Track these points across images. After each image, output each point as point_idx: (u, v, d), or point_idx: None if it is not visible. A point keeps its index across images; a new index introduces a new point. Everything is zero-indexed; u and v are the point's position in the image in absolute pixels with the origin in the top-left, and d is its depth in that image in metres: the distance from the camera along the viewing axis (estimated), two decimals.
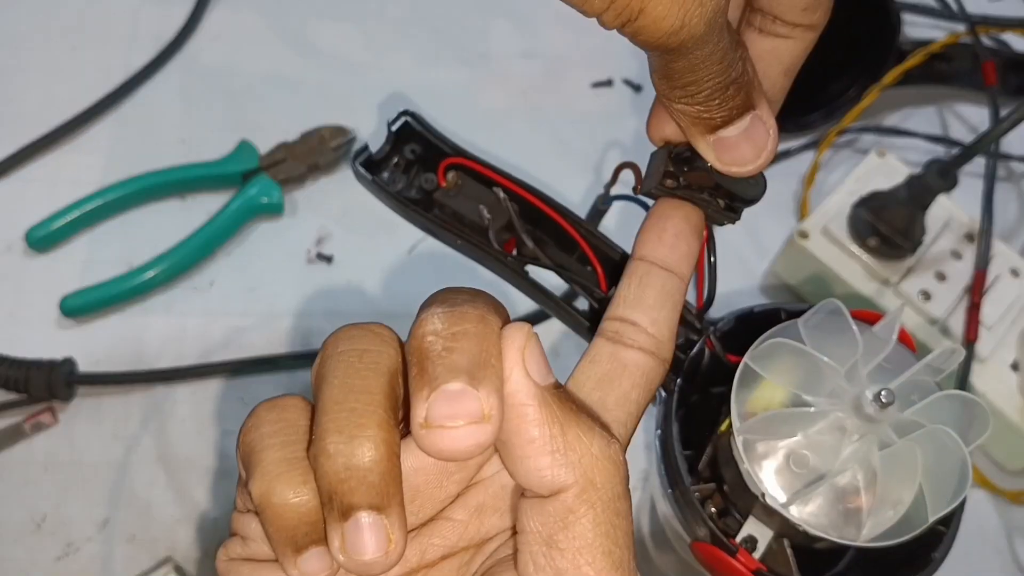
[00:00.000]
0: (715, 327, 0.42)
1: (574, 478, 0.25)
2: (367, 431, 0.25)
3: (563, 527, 0.25)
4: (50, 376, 0.57)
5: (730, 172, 0.32)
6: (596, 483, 0.26)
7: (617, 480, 0.26)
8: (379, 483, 0.25)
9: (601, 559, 0.25)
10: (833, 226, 0.63)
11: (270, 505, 0.27)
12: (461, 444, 0.24)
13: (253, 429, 0.28)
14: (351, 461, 0.25)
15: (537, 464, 0.25)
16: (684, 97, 0.30)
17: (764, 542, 0.39)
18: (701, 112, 0.30)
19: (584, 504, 0.25)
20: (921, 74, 0.69)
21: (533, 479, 0.26)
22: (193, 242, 0.63)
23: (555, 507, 0.25)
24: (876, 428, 0.36)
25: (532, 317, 0.62)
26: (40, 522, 0.56)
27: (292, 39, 0.73)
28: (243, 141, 0.66)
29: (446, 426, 0.24)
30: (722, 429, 0.40)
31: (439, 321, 0.26)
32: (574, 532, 0.25)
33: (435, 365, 0.25)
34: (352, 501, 0.25)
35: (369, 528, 0.25)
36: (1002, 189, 0.71)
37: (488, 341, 0.26)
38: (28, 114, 0.67)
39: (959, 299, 0.61)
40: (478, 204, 0.41)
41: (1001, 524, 0.61)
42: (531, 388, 0.26)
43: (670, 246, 0.34)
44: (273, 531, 0.27)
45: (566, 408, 0.26)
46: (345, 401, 0.26)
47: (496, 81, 0.72)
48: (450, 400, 0.24)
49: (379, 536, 0.25)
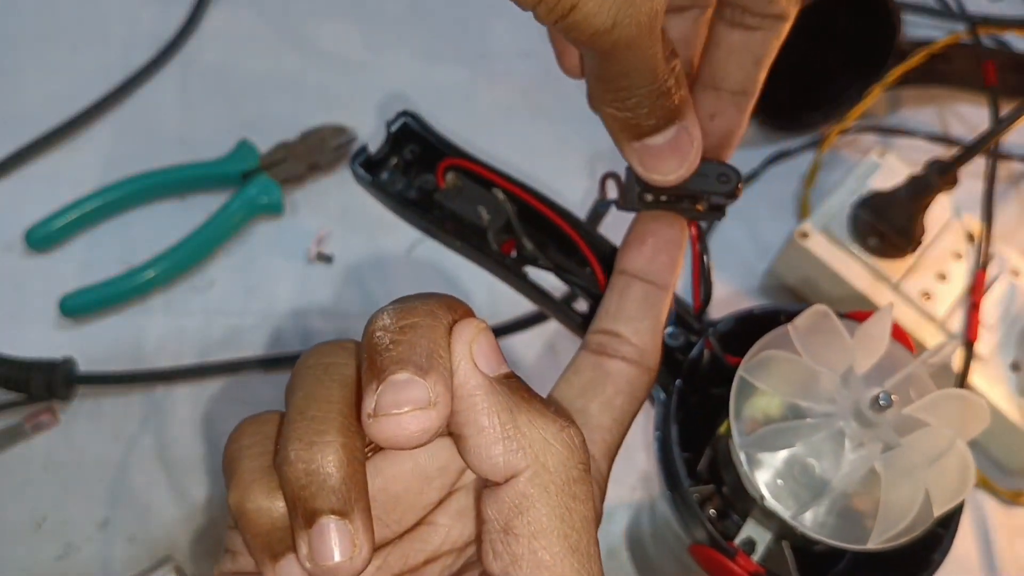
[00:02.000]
0: (714, 328, 0.42)
1: (526, 463, 0.25)
2: (326, 437, 0.26)
3: (518, 512, 0.25)
4: (50, 376, 0.57)
5: (651, 180, 0.33)
6: (549, 467, 0.26)
7: (572, 463, 0.26)
8: (340, 488, 0.25)
9: (557, 543, 0.25)
10: (833, 226, 0.63)
11: (245, 512, 0.27)
12: (407, 430, 0.24)
13: (233, 442, 0.29)
14: (311, 467, 0.25)
15: (489, 452, 0.26)
16: (615, 101, 0.30)
17: (763, 544, 0.39)
18: (629, 118, 0.31)
19: (537, 488, 0.25)
20: (921, 74, 0.69)
21: (487, 467, 0.26)
22: (193, 242, 0.63)
23: (509, 493, 0.26)
24: (877, 431, 0.36)
25: (531, 318, 0.62)
26: (40, 522, 0.56)
27: (292, 39, 0.73)
28: (243, 141, 0.66)
29: (391, 413, 0.24)
30: (721, 431, 0.40)
31: (388, 317, 0.26)
32: (528, 517, 0.25)
33: (383, 358, 0.25)
34: (314, 507, 0.25)
35: (333, 533, 0.25)
36: (1002, 189, 0.71)
37: (436, 333, 0.26)
38: (28, 114, 0.67)
39: (959, 299, 0.61)
40: (477, 205, 0.41)
41: (1001, 524, 0.61)
42: (479, 378, 0.26)
43: (649, 258, 0.34)
44: (250, 539, 0.27)
45: (516, 396, 0.26)
46: (307, 410, 0.26)
47: (496, 81, 0.72)
48: (397, 389, 0.24)
49: (344, 541, 0.25)
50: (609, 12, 0.25)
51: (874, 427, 0.36)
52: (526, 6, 0.26)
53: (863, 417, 0.36)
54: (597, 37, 0.26)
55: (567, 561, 0.25)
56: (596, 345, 0.33)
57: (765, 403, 0.38)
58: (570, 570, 0.25)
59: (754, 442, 0.37)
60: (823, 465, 0.37)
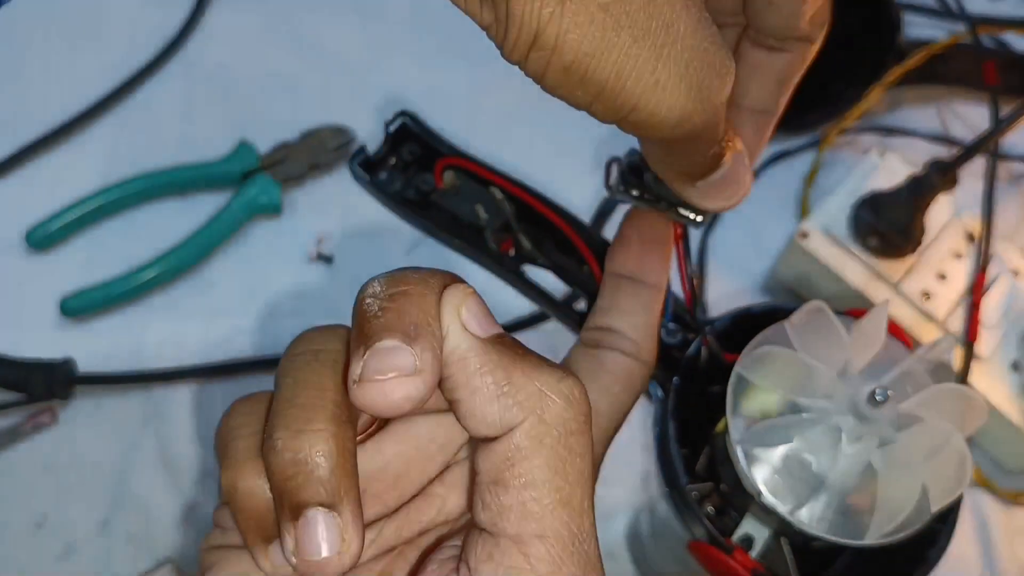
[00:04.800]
0: (712, 326, 0.42)
1: (523, 416, 0.25)
2: (315, 425, 0.25)
3: (509, 465, 0.25)
4: (50, 376, 0.57)
5: (715, 209, 0.32)
6: (545, 418, 0.25)
7: (571, 416, 0.25)
8: (328, 478, 0.25)
9: (548, 495, 0.24)
10: (833, 226, 0.63)
11: (236, 493, 0.27)
12: (391, 396, 0.24)
13: (226, 422, 0.28)
14: (298, 456, 0.25)
15: (484, 412, 0.25)
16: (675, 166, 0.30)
17: (761, 541, 0.39)
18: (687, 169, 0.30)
19: (531, 440, 0.25)
20: (921, 74, 0.69)
21: (483, 427, 0.25)
22: (193, 242, 0.63)
23: (503, 446, 0.25)
24: (873, 426, 0.36)
25: (531, 318, 0.62)
26: (40, 522, 0.56)
27: (292, 39, 0.73)
28: (243, 141, 0.66)
29: (375, 380, 0.24)
30: (719, 428, 0.40)
31: (379, 285, 0.26)
32: (520, 469, 0.25)
33: (371, 324, 0.25)
34: (301, 498, 0.25)
35: (320, 527, 0.24)
36: (1002, 189, 0.71)
37: (426, 301, 0.25)
38: (28, 114, 0.67)
39: (959, 299, 0.61)
40: (475, 204, 0.41)
41: (1001, 524, 0.61)
42: (470, 340, 0.25)
43: (637, 257, 0.34)
44: (241, 520, 0.27)
45: (510, 353, 0.26)
46: (295, 397, 0.26)
47: (496, 81, 0.72)
48: (383, 356, 0.24)
49: (332, 536, 0.25)
50: (676, 104, 0.25)
51: (871, 423, 0.36)
52: (580, 107, 0.25)
53: (860, 413, 0.36)
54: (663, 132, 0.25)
55: (556, 513, 0.24)
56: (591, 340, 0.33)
57: (762, 399, 0.38)
58: (558, 523, 0.24)
59: (751, 438, 0.37)
60: (820, 461, 0.37)
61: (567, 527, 0.25)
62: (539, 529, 0.24)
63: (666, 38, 0.24)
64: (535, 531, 0.24)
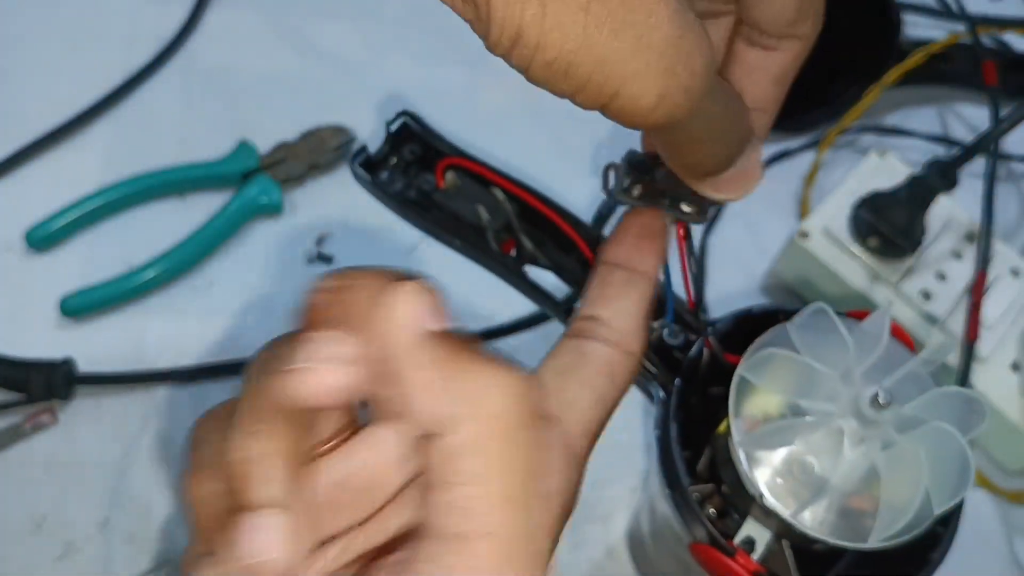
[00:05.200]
0: (714, 327, 0.42)
1: (463, 411, 0.24)
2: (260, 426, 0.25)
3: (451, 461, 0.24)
4: (50, 376, 0.57)
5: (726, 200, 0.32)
6: (486, 414, 0.24)
7: (514, 410, 0.24)
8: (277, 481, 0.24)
9: (491, 491, 0.24)
10: (833, 226, 0.63)
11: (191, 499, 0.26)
12: (316, 386, 0.23)
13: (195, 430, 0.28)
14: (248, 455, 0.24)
15: (423, 407, 0.24)
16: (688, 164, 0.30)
17: (763, 543, 0.39)
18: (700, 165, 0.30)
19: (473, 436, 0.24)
20: (921, 74, 0.69)
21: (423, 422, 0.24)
22: (193, 242, 0.63)
23: (443, 442, 0.24)
24: (876, 429, 0.36)
25: (531, 318, 0.62)
26: (40, 522, 0.56)
27: (292, 39, 0.73)
28: (243, 141, 0.66)
29: (301, 368, 0.23)
30: (721, 430, 0.40)
31: (332, 279, 0.26)
32: (460, 465, 0.24)
33: (311, 315, 0.25)
34: (246, 499, 0.24)
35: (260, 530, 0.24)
36: (1002, 189, 0.71)
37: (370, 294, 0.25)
38: (28, 114, 0.67)
39: (959, 299, 0.61)
40: (476, 204, 0.41)
41: (1001, 524, 0.61)
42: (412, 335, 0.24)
43: (629, 247, 0.34)
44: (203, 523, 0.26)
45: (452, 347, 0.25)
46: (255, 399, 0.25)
47: (496, 81, 0.72)
48: (315, 345, 0.24)
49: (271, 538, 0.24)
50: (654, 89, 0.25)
51: (873, 425, 0.36)
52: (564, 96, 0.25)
53: (862, 415, 0.36)
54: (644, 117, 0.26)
55: (499, 510, 0.24)
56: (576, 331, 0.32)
57: (764, 401, 0.38)
58: (503, 520, 0.24)
59: (753, 440, 0.37)
60: (822, 463, 0.37)
61: (513, 524, 0.24)
62: (482, 527, 0.24)
63: (643, 28, 0.24)
64: (478, 529, 0.24)
